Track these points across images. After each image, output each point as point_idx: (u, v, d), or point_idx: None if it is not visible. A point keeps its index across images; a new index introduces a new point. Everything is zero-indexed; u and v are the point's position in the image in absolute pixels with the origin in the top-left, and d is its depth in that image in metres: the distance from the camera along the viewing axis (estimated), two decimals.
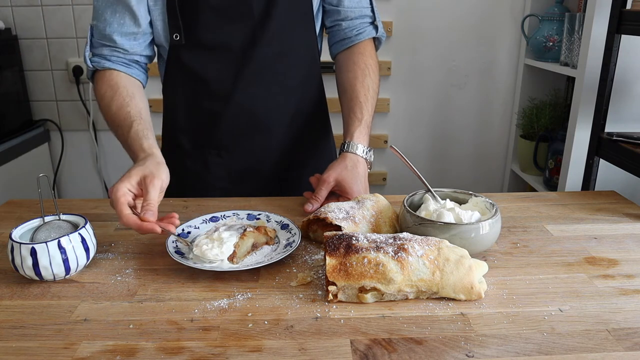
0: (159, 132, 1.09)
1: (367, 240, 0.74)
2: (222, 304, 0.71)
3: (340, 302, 0.71)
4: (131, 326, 0.66)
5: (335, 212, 0.87)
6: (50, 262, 0.74)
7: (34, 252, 0.73)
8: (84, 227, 0.79)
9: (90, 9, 1.12)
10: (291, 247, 0.82)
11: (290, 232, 0.88)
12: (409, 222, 0.84)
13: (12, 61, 2.09)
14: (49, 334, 0.65)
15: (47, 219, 0.81)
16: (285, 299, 0.72)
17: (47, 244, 0.74)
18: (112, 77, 1.02)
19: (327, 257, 0.71)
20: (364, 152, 1.04)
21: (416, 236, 0.75)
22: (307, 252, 0.85)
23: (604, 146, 1.27)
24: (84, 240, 0.78)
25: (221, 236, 0.80)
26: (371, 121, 1.09)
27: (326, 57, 1.20)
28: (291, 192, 1.15)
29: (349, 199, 0.98)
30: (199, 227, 0.91)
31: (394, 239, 0.74)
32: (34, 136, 2.15)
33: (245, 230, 0.82)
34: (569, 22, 1.77)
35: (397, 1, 2.12)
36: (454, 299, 0.71)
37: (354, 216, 0.87)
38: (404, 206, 0.86)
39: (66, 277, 0.77)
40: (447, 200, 0.89)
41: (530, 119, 2.07)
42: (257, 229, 0.85)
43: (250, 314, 0.69)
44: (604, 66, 1.28)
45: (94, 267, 0.81)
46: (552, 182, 1.92)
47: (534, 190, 2.06)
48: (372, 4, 1.15)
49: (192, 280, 0.77)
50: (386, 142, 2.30)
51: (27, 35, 2.14)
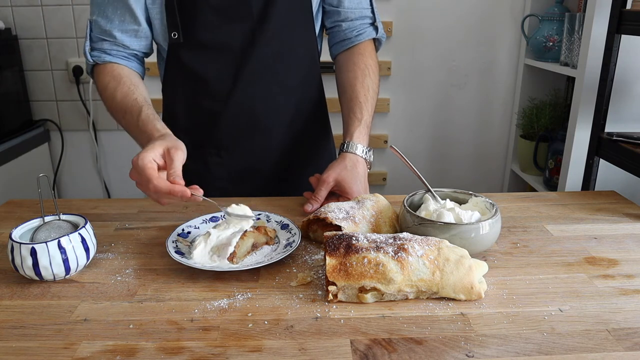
0: None
1: (367, 240, 0.74)
2: (222, 304, 0.71)
3: (340, 302, 0.71)
4: (131, 326, 0.66)
5: (335, 212, 0.87)
6: (50, 262, 0.74)
7: (34, 252, 0.73)
8: (84, 227, 0.79)
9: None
10: (291, 247, 0.82)
11: (290, 232, 0.88)
12: (409, 222, 0.84)
13: (12, 61, 2.09)
14: (49, 334, 0.65)
15: (47, 219, 0.81)
16: (285, 299, 0.72)
17: (47, 244, 0.74)
18: (113, 69, 1.04)
19: (327, 257, 0.71)
20: (363, 152, 1.04)
21: (416, 236, 0.75)
22: (307, 252, 0.85)
23: (604, 146, 1.27)
24: (84, 240, 0.78)
25: (221, 236, 0.80)
26: (371, 121, 1.09)
27: (326, 57, 1.20)
28: (291, 192, 1.15)
29: (348, 199, 0.98)
30: (199, 227, 0.91)
31: (394, 239, 0.74)
32: (34, 136, 2.15)
33: (245, 230, 0.82)
34: (569, 22, 1.77)
35: (397, 1, 2.12)
36: (454, 299, 0.71)
37: (354, 216, 0.86)
38: (404, 206, 0.86)
39: (66, 277, 0.77)
40: (447, 200, 0.89)
41: (530, 119, 2.07)
42: (257, 229, 0.85)
43: (250, 314, 0.69)
44: (604, 66, 1.28)
45: (94, 267, 0.81)
46: (552, 182, 1.92)
47: (534, 190, 2.06)
48: (372, 5, 1.15)
49: (192, 280, 0.77)
50: (386, 142, 2.30)
51: (27, 35, 2.14)
